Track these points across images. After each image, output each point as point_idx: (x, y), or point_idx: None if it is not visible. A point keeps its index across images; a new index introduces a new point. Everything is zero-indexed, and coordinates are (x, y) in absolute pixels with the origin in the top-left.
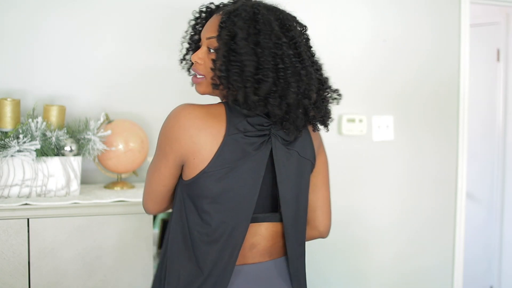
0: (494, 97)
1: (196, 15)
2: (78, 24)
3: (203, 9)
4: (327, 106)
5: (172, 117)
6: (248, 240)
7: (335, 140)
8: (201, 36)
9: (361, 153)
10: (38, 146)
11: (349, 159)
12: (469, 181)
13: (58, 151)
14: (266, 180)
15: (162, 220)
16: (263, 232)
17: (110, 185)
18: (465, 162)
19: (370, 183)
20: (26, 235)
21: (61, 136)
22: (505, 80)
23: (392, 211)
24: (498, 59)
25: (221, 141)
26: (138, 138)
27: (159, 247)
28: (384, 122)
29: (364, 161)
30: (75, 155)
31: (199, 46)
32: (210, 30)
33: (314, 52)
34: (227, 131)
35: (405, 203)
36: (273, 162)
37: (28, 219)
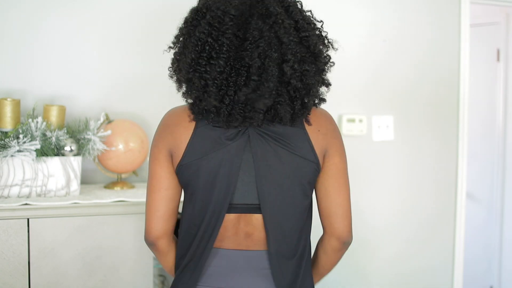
0: (494, 97)
1: None
2: (78, 24)
3: None
4: (309, 86)
5: (159, 123)
6: (242, 229)
7: None
8: None
9: (361, 153)
10: (38, 146)
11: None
12: (469, 181)
13: (58, 151)
14: (251, 171)
15: None
16: (254, 223)
17: (110, 185)
18: (465, 162)
19: (370, 183)
20: (26, 235)
21: (61, 136)
22: (505, 80)
23: (392, 211)
24: (498, 59)
25: (191, 133)
26: (138, 138)
27: None
28: (384, 122)
29: (364, 161)
30: (75, 155)
31: None
32: None
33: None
34: (197, 123)
35: (405, 203)
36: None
37: (28, 219)
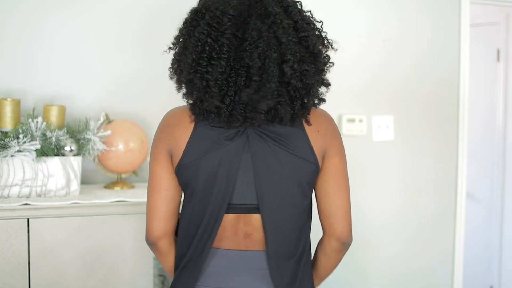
0: (494, 97)
1: None
2: (78, 24)
3: None
4: (309, 87)
5: (159, 124)
6: (241, 229)
7: None
8: None
9: (361, 153)
10: (38, 146)
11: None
12: (469, 181)
13: (58, 151)
14: (250, 172)
15: None
16: (253, 223)
17: (110, 185)
18: (465, 162)
19: (370, 183)
20: (26, 235)
21: (61, 136)
22: (505, 80)
23: (392, 211)
24: (498, 59)
25: (190, 133)
26: (138, 138)
27: None
28: (384, 122)
29: (364, 161)
30: (75, 155)
31: None
32: None
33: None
34: (196, 124)
35: (405, 203)
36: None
37: (28, 219)
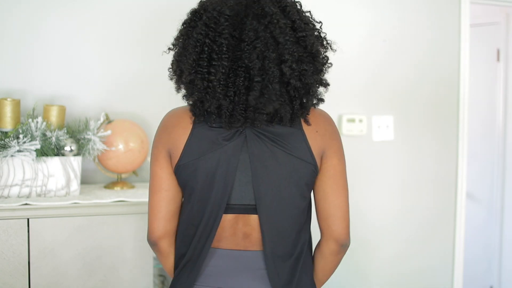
0: (494, 97)
1: None
2: (78, 24)
3: None
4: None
5: (159, 124)
6: (240, 230)
7: None
8: None
9: (361, 153)
10: (38, 146)
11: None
12: (469, 181)
13: (58, 151)
14: (248, 172)
15: None
16: (252, 223)
17: (110, 185)
18: (465, 162)
19: (370, 183)
20: (26, 235)
21: (61, 136)
22: (505, 80)
23: (392, 211)
24: (498, 59)
25: (189, 133)
26: (138, 138)
27: None
28: (384, 122)
29: (364, 161)
30: (75, 155)
31: None
32: None
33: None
34: (194, 124)
35: (405, 203)
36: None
37: (28, 219)
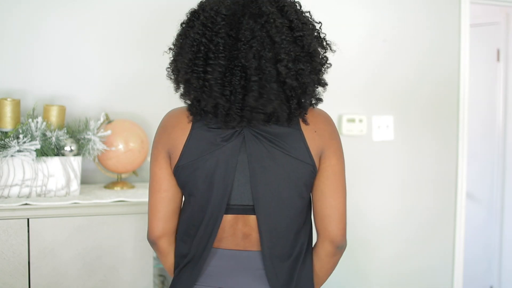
0: (494, 97)
1: None
2: (78, 24)
3: None
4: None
5: (159, 125)
6: (240, 230)
7: None
8: None
9: (361, 153)
10: (38, 146)
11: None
12: (469, 181)
13: (58, 151)
14: (247, 172)
15: None
16: (252, 224)
17: (110, 185)
18: (465, 162)
19: (370, 183)
20: (26, 235)
21: (61, 136)
22: (505, 80)
23: (392, 211)
24: (498, 59)
25: (188, 134)
26: (138, 138)
27: None
28: (384, 122)
29: (364, 161)
30: (75, 155)
31: None
32: None
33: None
34: (193, 125)
35: (405, 203)
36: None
37: (28, 219)
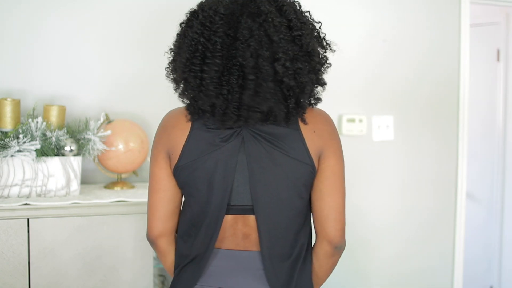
0: (494, 97)
1: None
2: (78, 24)
3: None
4: (303, 84)
5: (159, 125)
6: (240, 230)
7: None
8: None
9: (361, 153)
10: (38, 146)
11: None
12: (469, 181)
13: (58, 151)
14: (246, 173)
15: None
16: (251, 224)
17: (110, 185)
18: (465, 162)
19: (370, 183)
20: (26, 235)
21: (61, 136)
22: (505, 80)
23: (392, 211)
24: (498, 59)
25: (187, 134)
26: (138, 138)
27: None
28: (384, 122)
29: (364, 161)
30: (75, 155)
31: None
32: None
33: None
34: (192, 125)
35: (405, 203)
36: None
37: (28, 219)
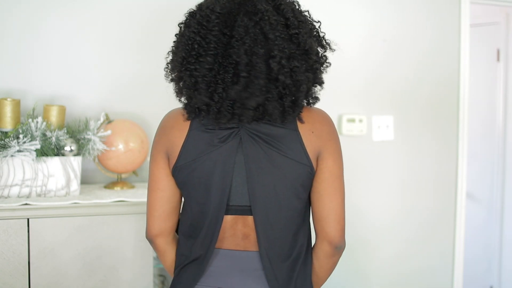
0: (494, 97)
1: None
2: (78, 24)
3: None
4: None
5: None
6: (240, 230)
7: None
8: None
9: (361, 153)
10: (38, 146)
11: (349, 159)
12: (469, 181)
13: (58, 151)
14: (244, 173)
15: None
16: (251, 224)
17: (110, 185)
18: (465, 162)
19: (370, 183)
20: (26, 235)
21: (61, 136)
22: (505, 80)
23: (392, 211)
24: (498, 59)
25: (185, 135)
26: (138, 138)
27: None
28: (384, 122)
29: (364, 161)
30: (75, 155)
31: None
32: None
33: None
34: (191, 126)
35: (405, 203)
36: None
37: (28, 219)
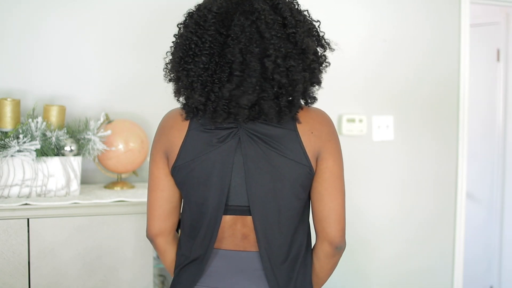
0: (494, 97)
1: None
2: (78, 24)
3: None
4: (295, 82)
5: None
6: (239, 230)
7: None
8: None
9: (361, 153)
10: (38, 146)
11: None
12: (469, 181)
13: (58, 151)
14: (243, 173)
15: None
16: (250, 225)
17: (110, 185)
18: (465, 162)
19: (370, 183)
20: (26, 235)
21: (61, 136)
22: (505, 80)
23: (392, 211)
24: (498, 59)
25: (184, 135)
26: (138, 138)
27: None
28: (384, 122)
29: (364, 161)
30: (75, 155)
31: None
32: None
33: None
34: (189, 126)
35: (405, 203)
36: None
37: (28, 219)
